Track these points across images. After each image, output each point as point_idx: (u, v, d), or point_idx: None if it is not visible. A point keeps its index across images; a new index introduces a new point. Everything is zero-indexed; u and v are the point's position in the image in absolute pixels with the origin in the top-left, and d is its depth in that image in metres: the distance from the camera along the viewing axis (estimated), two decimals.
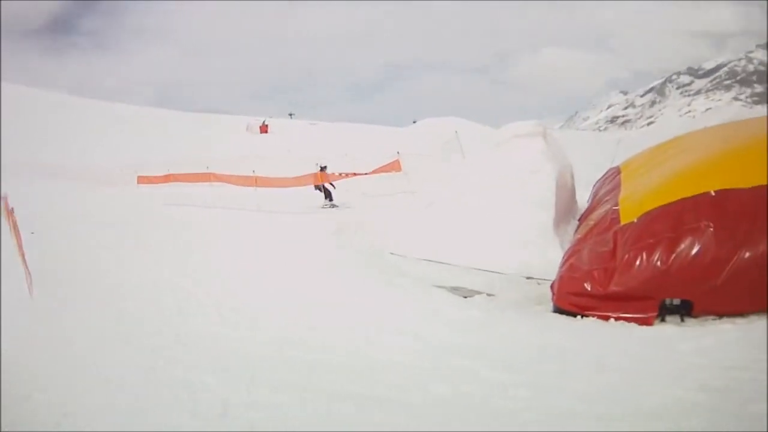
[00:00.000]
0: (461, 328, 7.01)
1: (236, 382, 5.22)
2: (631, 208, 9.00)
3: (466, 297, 8.62)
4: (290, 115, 74.97)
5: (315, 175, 20.45)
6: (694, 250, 7.76)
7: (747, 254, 7.57)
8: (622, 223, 8.66)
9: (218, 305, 8.12)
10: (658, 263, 7.79)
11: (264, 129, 56.04)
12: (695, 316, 7.76)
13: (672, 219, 8.14)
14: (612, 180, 12.05)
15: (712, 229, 7.81)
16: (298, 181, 20.84)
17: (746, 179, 8.31)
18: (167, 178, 25.20)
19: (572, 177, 14.04)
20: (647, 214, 8.48)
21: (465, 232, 10.96)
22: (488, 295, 8.79)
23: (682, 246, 7.81)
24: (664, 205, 8.47)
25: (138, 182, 26.67)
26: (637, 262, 7.88)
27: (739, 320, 7.49)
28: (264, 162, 27.95)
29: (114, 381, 5.32)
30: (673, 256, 7.78)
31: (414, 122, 57.69)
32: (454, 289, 9.02)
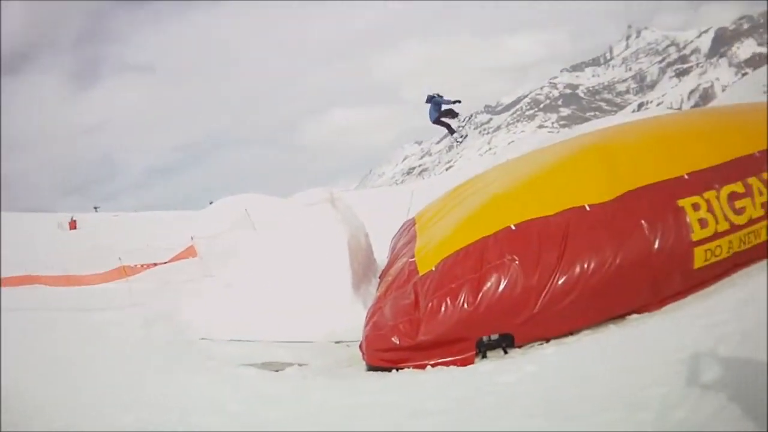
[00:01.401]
0: (274, 402, 6.90)
1: None
2: (428, 256, 9.15)
3: (277, 371, 8.57)
4: (95, 208, 72.09)
5: (119, 269, 20.59)
6: (501, 286, 7.97)
7: (562, 278, 7.96)
8: (421, 273, 8.77)
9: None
10: (465, 305, 7.92)
11: (72, 225, 54.55)
12: (519, 346, 7.98)
13: (473, 259, 8.33)
14: (408, 232, 12.33)
15: (517, 262, 8.08)
16: (104, 277, 21.09)
17: (547, 207, 8.74)
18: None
19: (366, 237, 14.37)
20: (445, 260, 8.63)
21: (267, 306, 11.07)
22: (299, 365, 8.77)
23: (488, 284, 8.00)
24: (464, 248, 8.64)
25: None
26: (443, 309, 7.98)
27: (569, 339, 7.87)
28: (73, 258, 27.74)
29: None
30: (480, 295, 7.94)
31: (210, 203, 57.24)
32: (266, 365, 8.99)
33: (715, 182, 8.92)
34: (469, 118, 13.34)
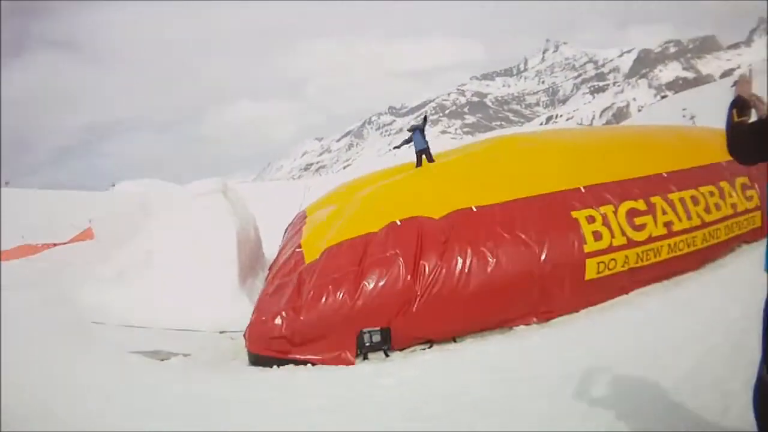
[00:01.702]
0: (155, 392, 6.68)
1: None
2: (314, 246, 9.04)
3: (163, 360, 8.42)
4: (6, 183, 69.29)
5: (23, 247, 19.84)
6: (383, 280, 7.90)
7: (442, 278, 7.93)
8: (307, 262, 8.67)
9: None
10: (346, 296, 7.84)
11: None
12: (401, 349, 7.95)
13: (357, 252, 8.28)
14: (299, 224, 12.21)
15: (400, 258, 8.03)
16: (8, 254, 20.22)
17: (434, 207, 8.73)
18: None
19: (256, 230, 14.28)
20: (330, 249, 8.57)
21: (158, 294, 10.83)
22: (184, 356, 8.61)
23: (370, 277, 7.94)
24: (349, 240, 8.59)
25: None
26: (323, 298, 7.88)
27: (451, 345, 7.84)
28: None
29: None
30: (361, 287, 7.87)
31: (113, 185, 55.64)
32: (153, 353, 8.77)
33: (614, 197, 9.12)
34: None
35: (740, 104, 3.34)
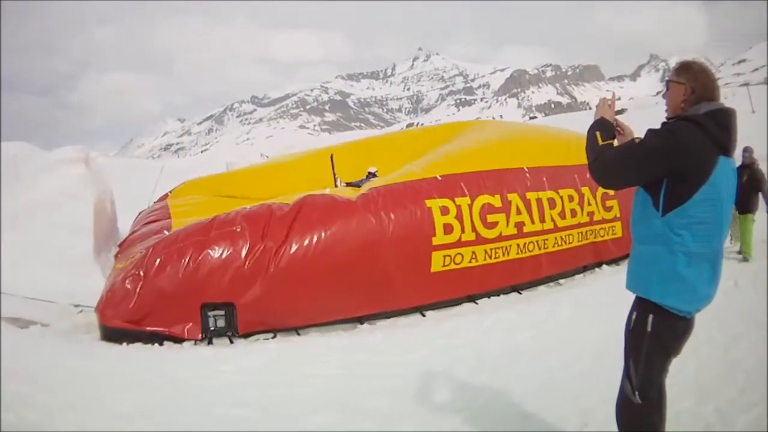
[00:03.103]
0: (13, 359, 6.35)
1: None
2: (178, 222, 9.20)
3: (22, 328, 8.27)
4: None
5: None
6: (226, 253, 7.99)
7: (285, 258, 8.03)
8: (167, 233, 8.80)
9: None
10: (190, 263, 7.90)
11: None
12: (245, 336, 8.02)
13: (206, 227, 8.36)
14: (161, 205, 12.39)
15: (246, 233, 8.14)
16: None
17: (288, 187, 9.27)
18: None
19: (113, 204, 14.00)
20: (187, 225, 8.69)
21: (17, 259, 10.35)
22: (42, 325, 8.49)
23: (214, 248, 8.01)
24: (199, 219, 8.85)
25: None
26: (168, 267, 7.92)
27: (295, 337, 7.97)
28: None
29: None
30: (202, 256, 7.94)
31: None
32: (13, 320, 8.56)
33: (471, 189, 9.19)
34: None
35: (603, 127, 3.33)
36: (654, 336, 3.06)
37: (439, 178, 9.26)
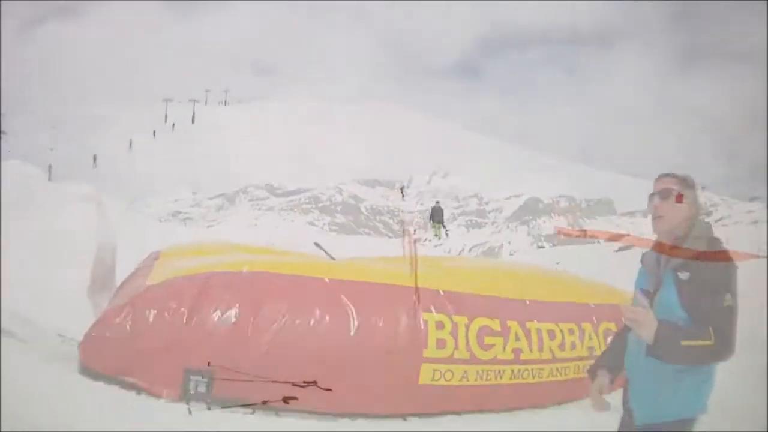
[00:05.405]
0: None
1: None
2: (160, 275, 8.97)
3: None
4: None
5: None
6: (216, 314, 7.82)
7: (270, 335, 7.81)
8: (148, 284, 8.61)
9: None
10: (174, 320, 7.78)
11: None
12: (228, 406, 7.73)
13: (197, 285, 8.19)
14: (150, 261, 11.84)
15: (237, 304, 7.92)
16: None
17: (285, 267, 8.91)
18: None
19: (114, 253, 13.52)
20: (173, 279, 8.58)
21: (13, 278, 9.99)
22: (23, 342, 8.20)
23: (203, 308, 7.85)
24: (193, 274, 8.64)
25: None
26: (151, 320, 7.80)
27: (272, 418, 7.70)
28: None
29: None
30: (191, 315, 7.80)
31: None
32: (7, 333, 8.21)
33: (470, 310, 9.05)
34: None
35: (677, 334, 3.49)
36: None
37: (441, 293, 9.13)
